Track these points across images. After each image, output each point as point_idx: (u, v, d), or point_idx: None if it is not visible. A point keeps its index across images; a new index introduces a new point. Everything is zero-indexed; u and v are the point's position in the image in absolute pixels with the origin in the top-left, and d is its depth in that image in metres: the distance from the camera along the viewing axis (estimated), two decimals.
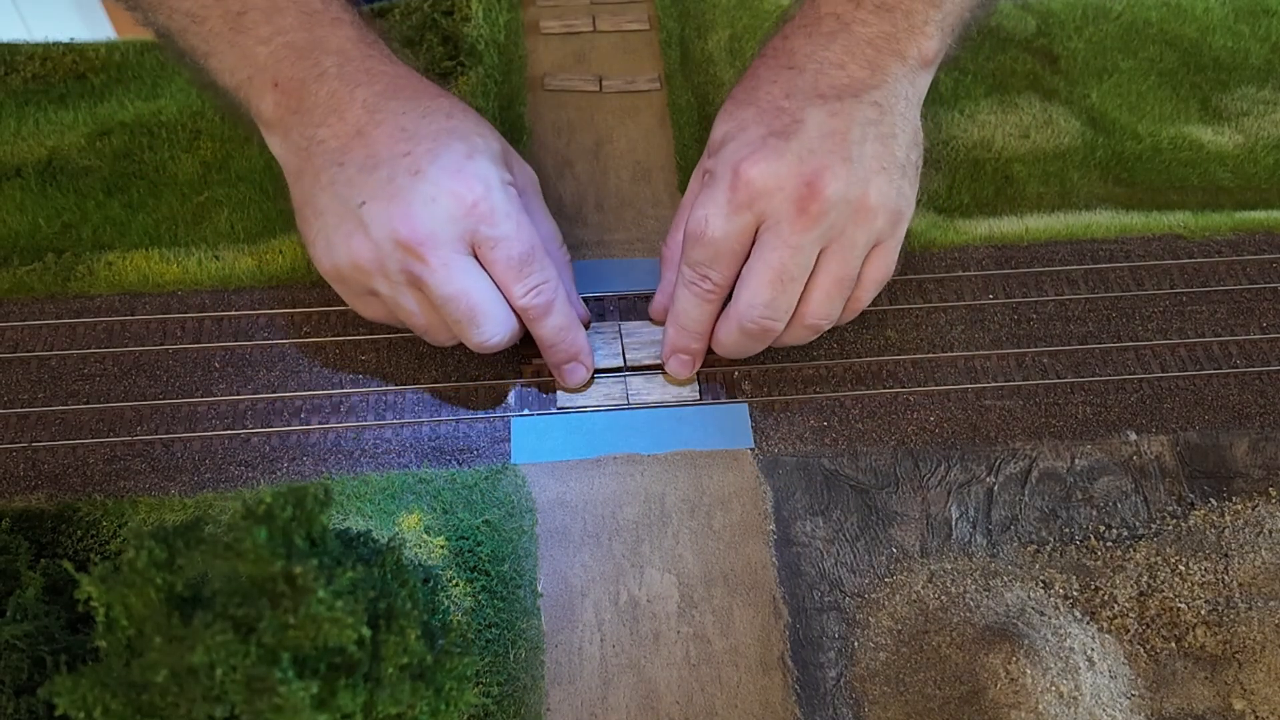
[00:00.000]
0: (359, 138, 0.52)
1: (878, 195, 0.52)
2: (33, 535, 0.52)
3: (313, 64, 0.54)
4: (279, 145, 0.56)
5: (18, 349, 0.60)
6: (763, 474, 0.57)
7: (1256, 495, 0.57)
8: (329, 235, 0.53)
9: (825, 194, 0.50)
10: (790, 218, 0.51)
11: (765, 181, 0.51)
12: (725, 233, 0.52)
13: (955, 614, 0.52)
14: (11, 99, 0.73)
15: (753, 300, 0.53)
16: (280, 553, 0.35)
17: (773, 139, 0.52)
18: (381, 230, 0.51)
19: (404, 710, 0.38)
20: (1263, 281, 0.65)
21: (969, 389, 0.60)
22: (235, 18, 0.54)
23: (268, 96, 0.54)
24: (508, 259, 0.53)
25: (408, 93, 0.55)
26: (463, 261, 0.52)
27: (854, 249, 0.53)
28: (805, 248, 0.51)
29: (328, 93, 0.53)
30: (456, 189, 0.51)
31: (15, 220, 0.65)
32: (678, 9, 0.81)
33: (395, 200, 0.51)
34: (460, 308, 0.52)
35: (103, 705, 0.35)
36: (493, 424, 0.58)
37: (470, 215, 0.51)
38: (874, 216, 0.52)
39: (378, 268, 0.52)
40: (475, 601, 0.51)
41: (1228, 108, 0.76)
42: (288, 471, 0.56)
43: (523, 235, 0.53)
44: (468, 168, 0.52)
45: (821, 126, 0.52)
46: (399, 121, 0.53)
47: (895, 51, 0.54)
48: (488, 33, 0.76)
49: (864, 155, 0.52)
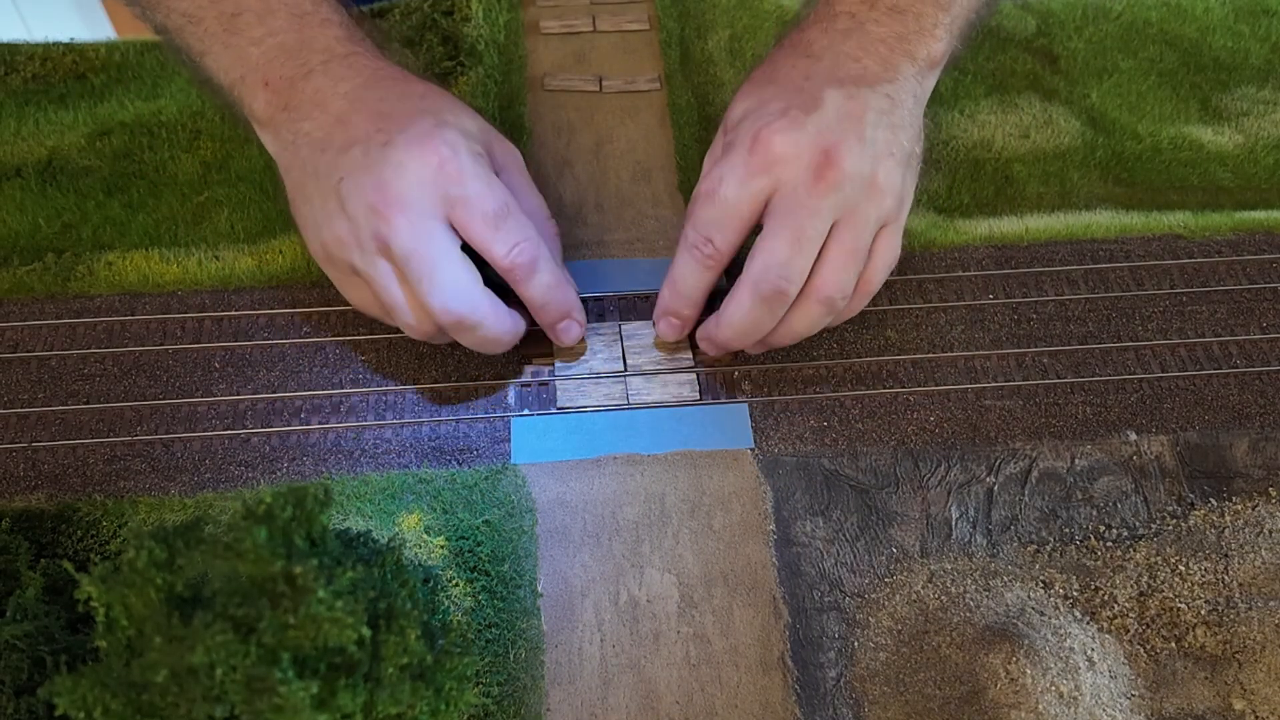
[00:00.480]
0: (339, 124, 0.54)
1: (886, 177, 0.53)
2: (33, 535, 0.52)
3: (301, 63, 0.56)
4: (271, 142, 0.58)
5: (18, 349, 0.60)
6: (763, 474, 0.57)
7: (1256, 495, 0.57)
8: (315, 217, 0.54)
9: (842, 165, 0.52)
10: (808, 184, 0.52)
11: (784, 149, 0.52)
12: (738, 196, 0.53)
13: (955, 614, 0.52)
14: (11, 99, 0.73)
15: (769, 261, 0.52)
16: (280, 553, 0.35)
17: (794, 110, 0.53)
18: (356, 201, 0.52)
19: (404, 710, 0.38)
20: (1263, 281, 0.65)
21: (969, 389, 0.60)
22: (230, 19, 0.56)
23: (259, 95, 0.56)
24: (483, 216, 0.53)
25: (388, 83, 0.56)
26: (430, 224, 0.52)
27: (866, 223, 0.53)
28: (822, 213, 0.52)
29: (313, 89, 0.55)
30: (423, 154, 0.52)
31: (15, 220, 0.65)
32: (678, 9, 0.81)
33: (368, 171, 0.52)
34: (419, 265, 0.51)
35: (103, 705, 0.35)
36: (493, 424, 0.58)
37: (439, 177, 0.52)
38: (884, 195, 0.53)
39: (353, 239, 0.53)
40: (475, 601, 0.51)
41: (1228, 108, 0.76)
42: (288, 471, 0.56)
43: (494, 193, 0.53)
44: (435, 134, 0.53)
45: (839, 108, 0.53)
46: (377, 107, 0.55)
47: (906, 52, 0.56)
48: (488, 33, 0.76)
49: (876, 139, 0.53)
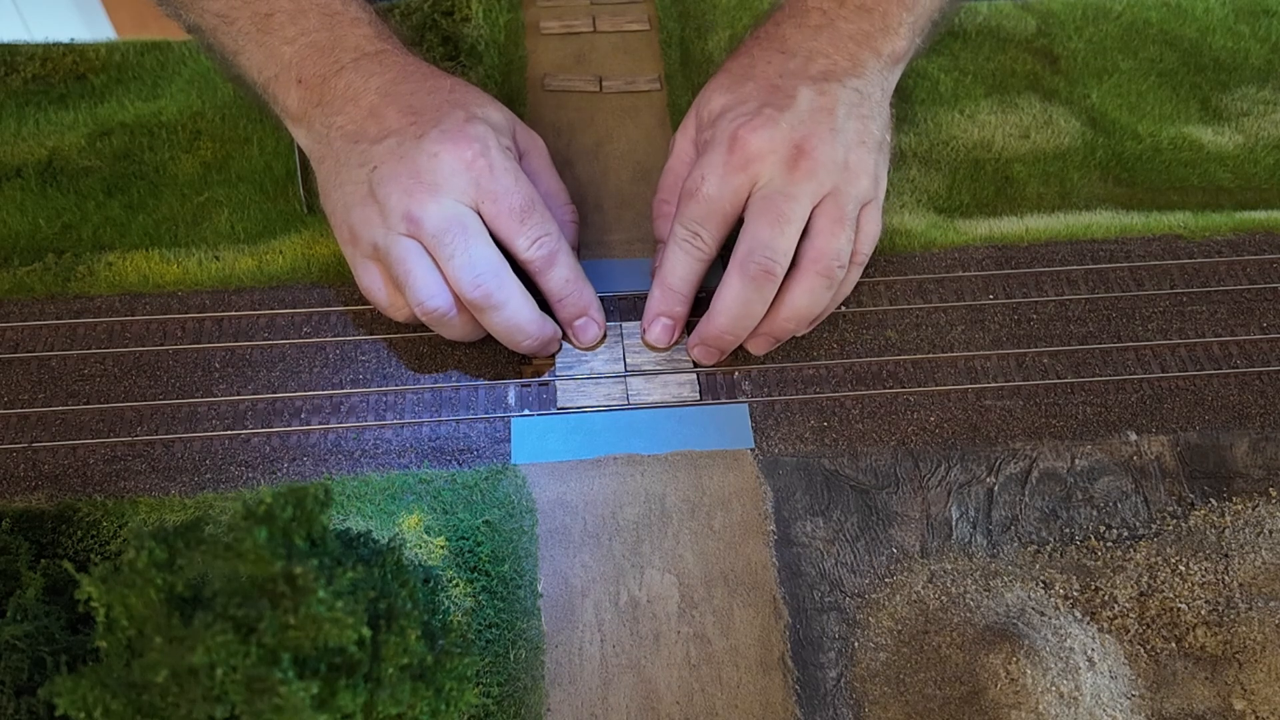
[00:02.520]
0: (372, 117, 0.57)
1: (858, 161, 0.57)
2: (33, 535, 0.52)
3: (333, 60, 0.58)
4: (304, 137, 0.60)
5: (18, 349, 0.60)
6: (763, 474, 0.57)
7: (1256, 495, 0.57)
8: (346, 200, 0.57)
9: (814, 154, 0.55)
10: (783, 174, 0.55)
11: (760, 145, 0.56)
12: (720, 192, 0.56)
13: (955, 614, 0.52)
14: (11, 99, 0.73)
15: (753, 244, 0.55)
16: (280, 553, 0.35)
17: (769, 109, 0.57)
18: (389, 186, 0.55)
19: (404, 710, 0.38)
20: (1263, 281, 0.65)
21: (969, 389, 0.60)
22: (263, 19, 0.59)
23: (293, 92, 0.59)
24: (509, 210, 0.56)
25: (417, 78, 0.59)
26: (462, 209, 0.55)
27: (847, 199, 0.56)
28: (799, 197, 0.55)
29: (345, 84, 0.58)
30: (456, 148, 0.55)
31: (15, 220, 0.65)
32: (678, 9, 0.81)
33: (402, 160, 0.55)
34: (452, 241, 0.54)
35: (103, 705, 0.35)
36: (493, 424, 0.58)
37: (470, 169, 0.55)
38: (859, 176, 0.57)
39: (381, 219, 0.55)
40: (475, 602, 0.51)
41: (1228, 108, 0.76)
42: (288, 472, 0.56)
43: (521, 188, 0.56)
44: (466, 130, 0.56)
45: (811, 103, 0.57)
46: (408, 101, 0.57)
47: (873, 48, 0.60)
48: (488, 33, 0.76)
49: (847, 129, 0.57)
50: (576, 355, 0.61)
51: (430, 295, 0.54)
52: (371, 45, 0.59)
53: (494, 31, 0.77)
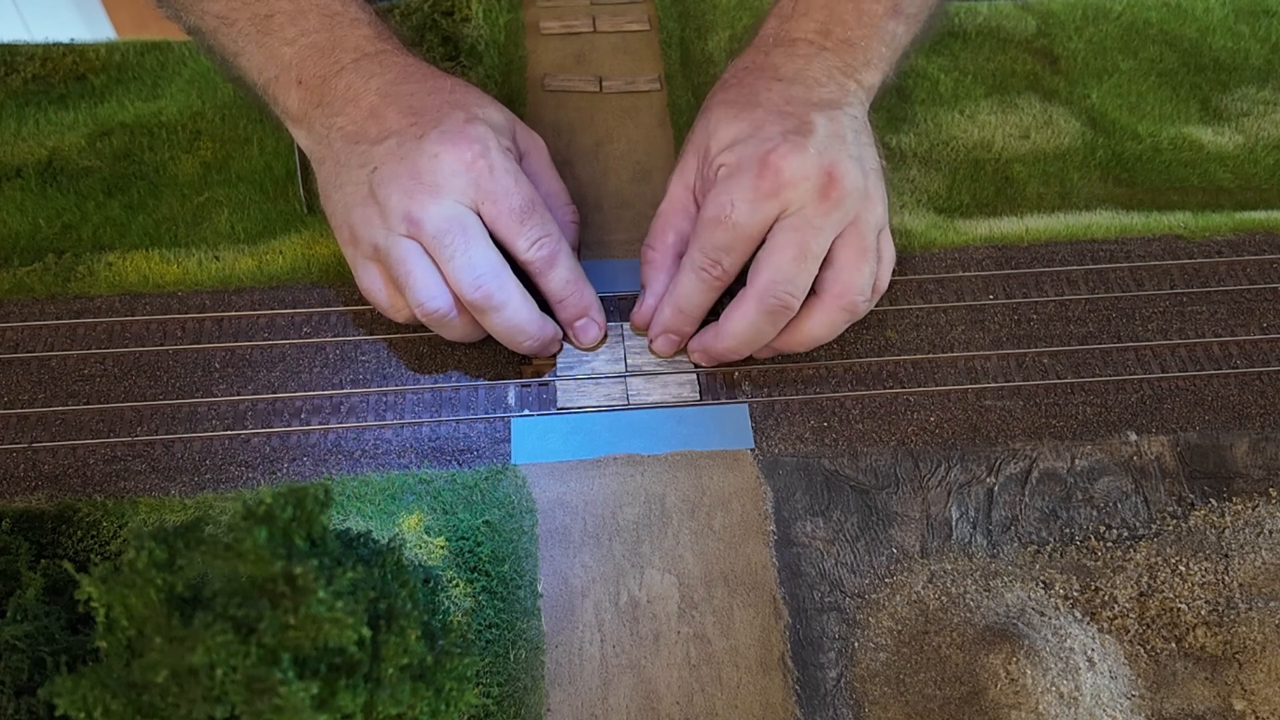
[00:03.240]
0: (372, 118, 0.57)
1: (875, 189, 0.57)
2: (33, 536, 0.52)
3: (333, 61, 0.58)
4: (304, 137, 0.60)
5: (18, 349, 0.60)
6: (763, 474, 0.57)
7: (1256, 495, 0.57)
8: (346, 200, 0.57)
9: (844, 183, 0.55)
10: (814, 202, 0.54)
11: (794, 171, 0.54)
12: (749, 220, 0.55)
13: (955, 614, 0.52)
14: (11, 99, 0.73)
15: (775, 276, 0.54)
16: (280, 553, 0.35)
17: (793, 135, 0.55)
18: (390, 187, 0.55)
19: (404, 711, 0.38)
20: (1263, 281, 0.65)
21: (969, 389, 0.60)
22: (263, 20, 0.59)
23: (293, 93, 0.59)
24: (509, 211, 0.55)
25: (418, 79, 0.59)
26: (462, 210, 0.55)
27: (868, 229, 0.56)
28: (825, 230, 0.55)
29: (345, 85, 0.58)
30: (456, 148, 0.55)
31: (15, 221, 0.65)
32: (678, 10, 0.81)
33: (403, 161, 0.55)
34: (452, 242, 0.54)
35: (103, 706, 0.35)
36: (493, 424, 0.58)
37: (470, 170, 0.55)
38: (876, 204, 0.57)
39: (381, 219, 0.55)
40: (475, 602, 0.51)
41: (1228, 108, 0.76)
42: (288, 472, 0.56)
43: (521, 189, 0.56)
44: (467, 131, 0.56)
45: (827, 129, 0.56)
46: (409, 102, 0.57)
47: (856, 80, 0.61)
48: (488, 33, 0.76)
49: (863, 156, 0.57)
50: (577, 355, 0.61)
51: (430, 296, 0.54)
52: (371, 46, 0.60)
53: (494, 31, 0.77)
